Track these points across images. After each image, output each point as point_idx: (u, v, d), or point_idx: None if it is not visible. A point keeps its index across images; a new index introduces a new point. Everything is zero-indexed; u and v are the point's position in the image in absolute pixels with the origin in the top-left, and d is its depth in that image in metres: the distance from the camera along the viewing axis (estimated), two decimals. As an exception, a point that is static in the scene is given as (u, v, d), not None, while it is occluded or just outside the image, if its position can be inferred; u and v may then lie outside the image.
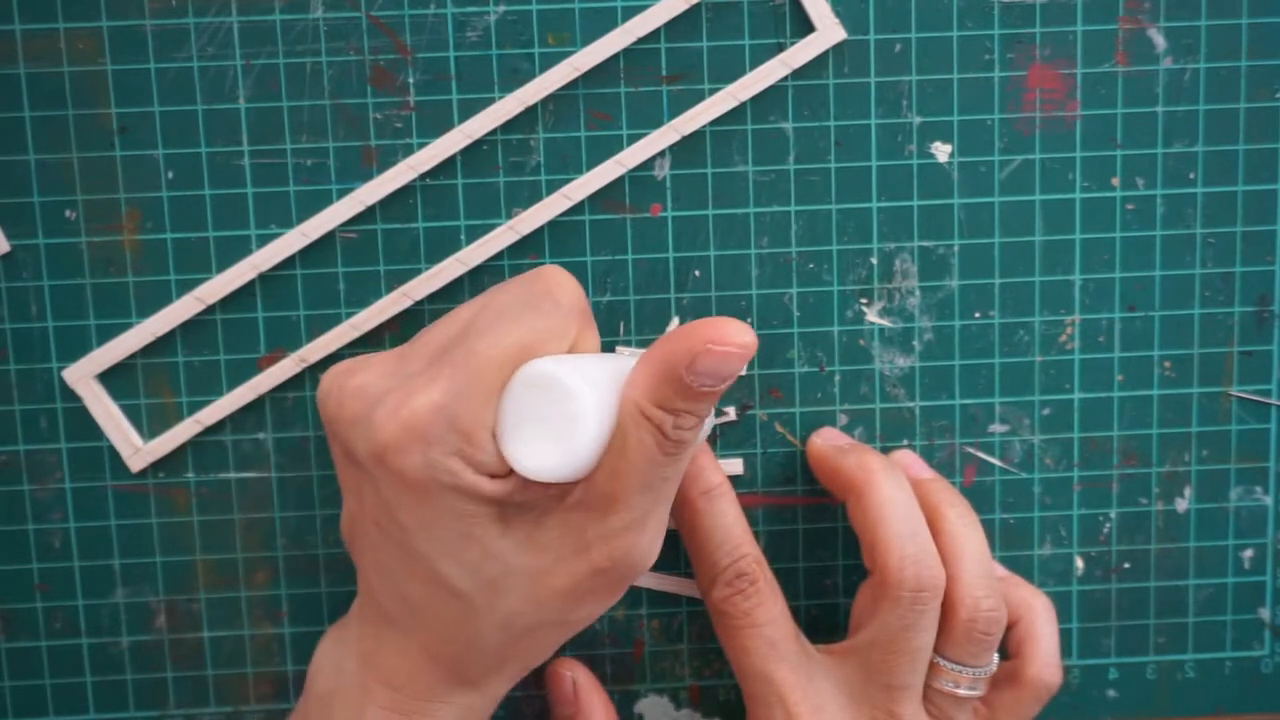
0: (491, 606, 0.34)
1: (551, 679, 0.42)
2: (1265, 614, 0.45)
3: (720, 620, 0.40)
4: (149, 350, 0.42)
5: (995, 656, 0.40)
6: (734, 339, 0.32)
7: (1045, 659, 0.40)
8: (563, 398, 0.32)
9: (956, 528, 0.39)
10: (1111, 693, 0.45)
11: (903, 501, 0.39)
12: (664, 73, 0.41)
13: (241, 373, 0.42)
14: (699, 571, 0.40)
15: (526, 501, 0.34)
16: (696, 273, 0.42)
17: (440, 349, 0.34)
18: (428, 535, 0.34)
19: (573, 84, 0.41)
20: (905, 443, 0.43)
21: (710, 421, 0.41)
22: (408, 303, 0.41)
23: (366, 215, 0.41)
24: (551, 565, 0.34)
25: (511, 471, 0.33)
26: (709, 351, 0.32)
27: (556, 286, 0.34)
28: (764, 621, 0.39)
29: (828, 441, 0.42)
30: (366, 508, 0.35)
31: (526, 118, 0.41)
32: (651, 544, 0.35)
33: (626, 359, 0.35)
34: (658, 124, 0.41)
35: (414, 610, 0.35)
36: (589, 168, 0.41)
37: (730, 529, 0.40)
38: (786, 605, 0.40)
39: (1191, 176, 0.42)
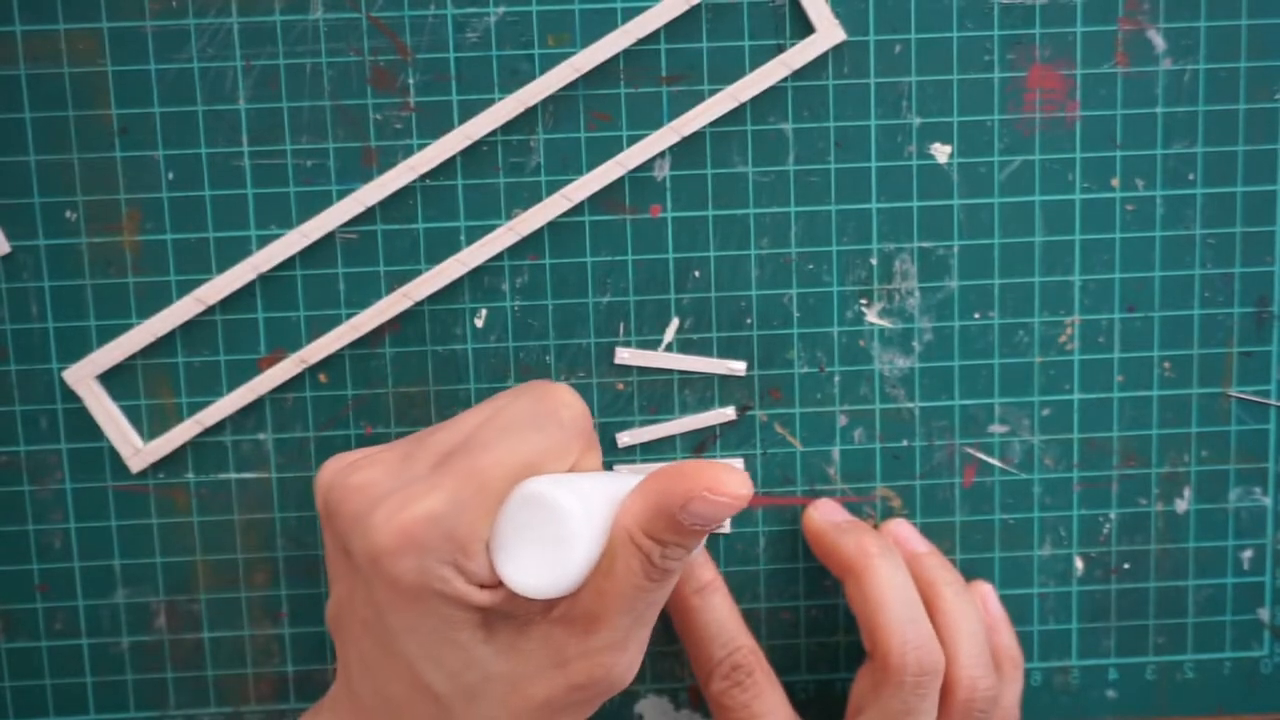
0: (468, 712, 0.34)
1: None
2: (1264, 614, 0.45)
3: (720, 714, 0.40)
4: (149, 351, 0.42)
5: None
6: (730, 490, 0.33)
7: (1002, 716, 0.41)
8: (557, 518, 0.32)
9: (953, 606, 0.40)
10: (1111, 693, 0.45)
11: (902, 585, 0.39)
12: (664, 73, 0.41)
13: (241, 373, 0.42)
14: (696, 666, 0.41)
15: (512, 611, 0.34)
16: (696, 273, 0.42)
17: (444, 454, 0.34)
18: (413, 638, 0.34)
19: (573, 85, 0.41)
20: (905, 443, 0.43)
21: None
22: (408, 304, 0.41)
23: (366, 216, 0.41)
24: (530, 675, 0.34)
25: (501, 583, 0.33)
26: (704, 498, 0.32)
27: (563, 406, 0.35)
28: (763, 712, 0.40)
29: (825, 517, 0.42)
30: (355, 602, 0.35)
31: (526, 119, 0.41)
32: (631, 664, 0.35)
33: (624, 479, 0.35)
34: (657, 125, 0.41)
35: (391, 709, 0.35)
36: (589, 168, 0.41)
37: (724, 623, 0.40)
38: (785, 695, 0.40)
39: (1191, 177, 0.42)
